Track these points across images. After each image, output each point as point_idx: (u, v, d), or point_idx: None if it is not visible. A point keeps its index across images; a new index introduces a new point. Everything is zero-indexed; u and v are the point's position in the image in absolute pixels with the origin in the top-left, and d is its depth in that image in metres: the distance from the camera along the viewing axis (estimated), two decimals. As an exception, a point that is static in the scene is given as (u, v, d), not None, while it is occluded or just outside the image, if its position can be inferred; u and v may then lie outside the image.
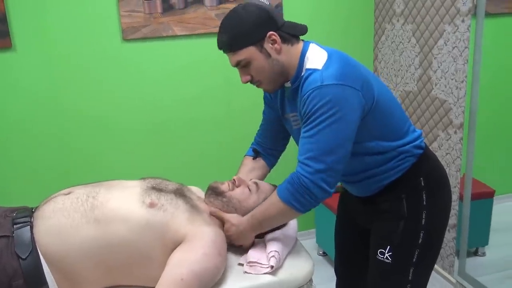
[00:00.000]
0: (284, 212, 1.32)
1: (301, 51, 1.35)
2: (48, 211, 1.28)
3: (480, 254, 2.65)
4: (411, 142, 1.42)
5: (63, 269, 1.23)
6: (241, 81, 1.37)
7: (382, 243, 1.43)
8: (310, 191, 1.26)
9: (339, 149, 1.26)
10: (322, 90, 1.23)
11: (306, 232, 2.93)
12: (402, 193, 1.42)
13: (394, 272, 1.43)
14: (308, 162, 1.25)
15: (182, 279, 1.19)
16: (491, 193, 2.55)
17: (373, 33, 2.82)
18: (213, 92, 2.63)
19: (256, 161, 1.64)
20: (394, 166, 1.40)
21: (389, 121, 1.38)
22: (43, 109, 2.41)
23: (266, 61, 1.32)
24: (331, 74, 1.25)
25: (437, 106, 2.33)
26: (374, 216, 1.48)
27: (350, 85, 1.25)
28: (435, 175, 1.46)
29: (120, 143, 2.56)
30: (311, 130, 1.25)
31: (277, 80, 1.37)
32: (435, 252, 1.49)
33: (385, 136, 1.37)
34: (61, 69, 2.39)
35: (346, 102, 1.24)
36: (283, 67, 1.34)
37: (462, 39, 2.10)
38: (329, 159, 1.25)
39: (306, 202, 1.28)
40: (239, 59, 1.32)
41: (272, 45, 1.31)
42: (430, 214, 1.41)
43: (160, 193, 1.35)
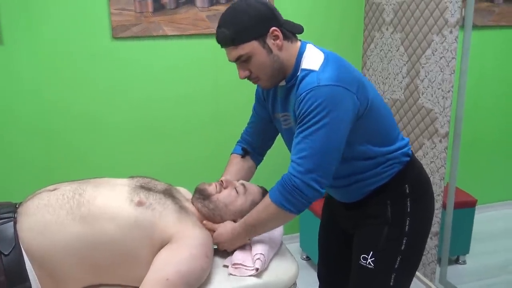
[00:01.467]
0: (277, 214, 1.32)
1: (299, 50, 1.36)
2: (32, 207, 1.26)
3: (461, 262, 2.68)
4: (400, 149, 1.43)
5: (46, 266, 1.21)
6: (239, 76, 1.36)
7: (365, 249, 1.44)
8: (301, 191, 1.26)
9: (331, 150, 1.26)
10: (318, 90, 1.24)
11: (290, 236, 2.93)
12: (387, 199, 1.43)
13: (376, 278, 1.44)
14: (300, 161, 1.26)
15: (167, 279, 1.18)
16: (473, 202, 2.59)
17: (362, 41, 2.85)
18: (201, 93, 2.63)
19: (244, 160, 1.63)
20: (380, 172, 1.41)
21: (381, 126, 1.40)
22: (30, 105, 2.38)
23: (267, 56, 1.31)
24: (327, 75, 1.26)
25: (423, 115, 2.36)
26: (358, 221, 1.49)
27: (346, 87, 1.25)
28: (420, 183, 1.48)
29: (108, 142, 2.54)
30: (305, 130, 1.25)
31: (276, 77, 1.36)
32: (417, 259, 1.50)
33: (376, 141, 1.39)
34: (49, 65, 2.36)
35: (341, 103, 1.24)
36: (282, 64, 1.34)
37: (450, 50, 2.13)
38: (321, 159, 1.25)
39: (298, 203, 1.28)
40: (241, 53, 1.30)
41: (274, 41, 1.31)
42: (414, 221, 1.43)
43: (149, 192, 1.34)
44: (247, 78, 1.37)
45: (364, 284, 1.47)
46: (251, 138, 1.65)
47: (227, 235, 1.41)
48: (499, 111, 3.14)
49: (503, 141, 3.20)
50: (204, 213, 1.44)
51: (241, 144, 1.67)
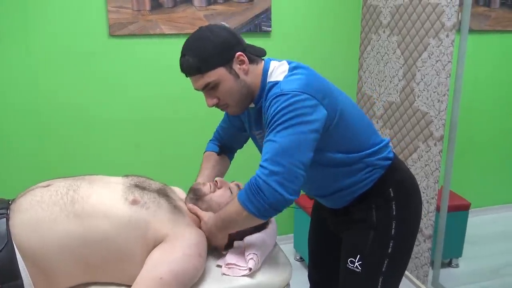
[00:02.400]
0: (241, 214, 1.26)
1: (263, 69, 1.35)
2: (25, 203, 1.25)
3: (454, 266, 2.69)
4: (378, 153, 1.42)
5: (39, 264, 1.20)
6: (208, 104, 1.35)
7: (352, 252, 1.44)
8: (264, 194, 1.20)
9: (296, 152, 1.21)
10: (282, 97, 1.22)
11: (284, 236, 2.93)
12: (372, 204, 1.43)
13: (363, 281, 1.44)
14: (264, 164, 1.22)
15: (161, 278, 1.18)
16: (467, 205, 2.60)
17: (359, 43, 2.86)
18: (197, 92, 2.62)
19: (221, 157, 1.67)
20: (362, 178, 1.41)
21: (354, 135, 1.38)
22: (26, 102, 2.37)
23: (235, 82, 1.30)
24: (291, 84, 1.25)
25: (419, 118, 2.37)
26: (345, 225, 1.49)
27: (311, 94, 1.23)
28: (404, 185, 1.47)
29: (104, 140, 2.54)
30: (269, 134, 1.23)
31: (244, 102, 1.36)
32: (405, 262, 1.50)
33: (349, 149, 1.37)
34: (46, 62, 2.35)
35: (305, 108, 1.22)
36: (249, 88, 1.34)
37: (446, 53, 2.14)
38: (285, 161, 1.20)
39: (260, 206, 1.21)
40: (207, 81, 1.29)
41: (240, 66, 1.31)
42: (400, 224, 1.42)
43: (143, 191, 1.34)
44: (216, 106, 1.37)
45: (352, 287, 1.47)
46: (225, 136, 1.68)
47: (205, 227, 1.39)
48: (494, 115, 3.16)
49: (498, 145, 3.22)
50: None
51: (215, 142, 1.69)
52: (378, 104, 2.71)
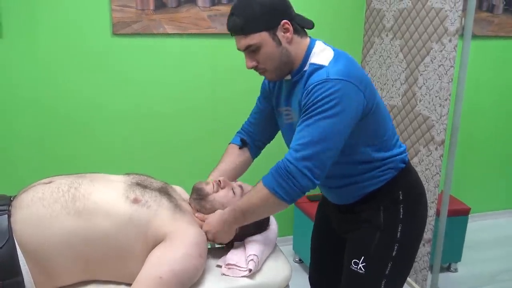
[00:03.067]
0: (268, 200, 1.28)
1: (308, 46, 1.35)
2: (26, 200, 1.25)
3: (453, 270, 2.70)
4: (397, 155, 1.43)
5: (39, 261, 1.20)
6: (247, 65, 1.35)
7: (357, 254, 1.44)
8: (294, 177, 1.23)
9: (330, 141, 1.24)
10: (327, 83, 1.23)
11: (283, 238, 2.93)
12: (380, 204, 1.43)
13: (366, 283, 1.44)
14: (297, 147, 1.24)
15: (160, 277, 1.18)
16: (466, 210, 2.60)
17: (361, 46, 2.86)
18: (200, 92, 2.63)
19: (241, 151, 1.63)
20: (375, 175, 1.41)
21: (382, 130, 1.39)
22: (28, 100, 2.37)
23: (276, 48, 1.30)
24: (337, 70, 1.25)
25: (420, 122, 2.37)
26: (351, 225, 1.49)
27: (355, 83, 1.25)
28: (414, 190, 1.48)
29: (106, 138, 2.54)
30: (309, 119, 1.24)
31: (283, 70, 1.36)
32: (408, 266, 1.50)
33: (376, 145, 1.38)
34: (49, 60, 2.36)
35: (348, 98, 1.23)
36: (290, 58, 1.33)
37: (448, 58, 2.14)
38: (318, 148, 1.23)
39: (289, 190, 1.25)
40: (250, 43, 1.29)
41: (284, 34, 1.30)
42: (406, 228, 1.42)
43: (145, 189, 1.34)
44: (254, 69, 1.36)
45: None
46: (252, 129, 1.64)
47: (215, 222, 1.39)
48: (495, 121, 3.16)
49: (498, 151, 3.23)
50: (202, 213, 1.44)
51: (241, 134, 1.66)
52: (380, 108, 2.71)
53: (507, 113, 3.16)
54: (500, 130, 3.19)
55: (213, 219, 1.41)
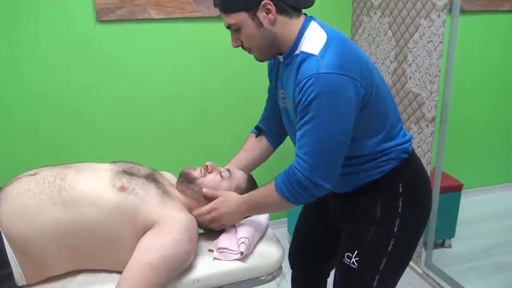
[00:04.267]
0: (279, 203, 1.30)
1: (300, 28, 1.27)
2: (12, 192, 1.23)
3: (447, 246, 2.71)
4: (400, 145, 1.36)
5: (28, 252, 1.19)
6: (231, 44, 1.31)
7: (350, 247, 1.40)
8: (305, 187, 1.23)
9: (336, 145, 1.21)
10: (318, 79, 1.16)
11: (278, 221, 2.94)
12: (378, 197, 1.37)
13: (358, 278, 1.40)
14: (304, 157, 1.21)
15: (151, 264, 1.17)
16: (459, 186, 2.61)
17: (350, 25, 2.83)
18: (188, 77, 2.60)
19: (258, 139, 1.59)
20: (375, 166, 1.35)
21: (384, 116, 1.32)
22: (10, 90, 2.34)
23: (257, 30, 1.24)
24: (328, 62, 1.18)
25: (411, 100, 2.36)
26: (347, 217, 1.45)
27: (348, 74, 1.17)
28: (416, 183, 1.40)
29: (93, 128, 2.51)
30: (308, 123, 1.19)
31: (268, 51, 1.30)
32: (404, 263, 1.44)
33: (379, 134, 1.32)
34: (31, 49, 2.31)
35: (343, 93, 1.17)
36: (276, 39, 1.27)
37: (437, 34, 2.13)
38: (325, 156, 1.21)
39: (300, 197, 1.25)
40: (230, 22, 1.25)
41: (266, 15, 1.23)
42: (404, 223, 1.36)
43: (132, 177, 1.33)
44: (241, 48, 1.32)
45: (347, 283, 1.43)
46: (267, 116, 1.60)
47: (231, 204, 1.37)
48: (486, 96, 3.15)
49: (490, 126, 3.23)
50: (189, 195, 1.43)
51: (259, 123, 1.63)
52: (370, 87, 2.70)
53: (497, 88, 3.16)
54: (491, 105, 3.18)
55: (231, 199, 1.39)
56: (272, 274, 1.38)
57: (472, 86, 3.05)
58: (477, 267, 2.54)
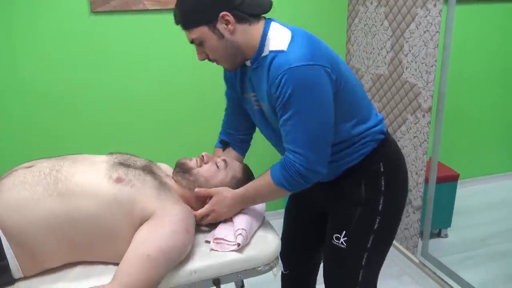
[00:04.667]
0: (276, 193, 1.34)
1: (262, 31, 1.29)
2: (8, 184, 1.23)
3: (443, 236, 2.73)
4: (374, 127, 1.41)
5: (24, 244, 1.19)
6: (198, 58, 1.34)
7: (338, 228, 1.44)
8: (305, 176, 1.27)
9: (324, 131, 1.26)
10: (292, 73, 1.19)
11: (274, 212, 2.94)
12: (361, 179, 1.42)
13: (348, 258, 1.44)
14: (299, 150, 1.25)
15: (148, 255, 1.17)
16: (455, 176, 2.62)
17: (346, 15, 2.82)
18: (184, 68, 2.59)
19: (226, 151, 1.61)
20: (355, 150, 1.40)
21: (356, 101, 1.37)
22: (6, 83, 2.32)
23: (219, 41, 1.27)
24: (298, 55, 1.21)
25: (407, 90, 2.36)
26: (333, 201, 1.49)
27: (319, 63, 1.22)
28: (394, 161, 1.46)
29: (87, 119, 2.50)
30: (291, 118, 1.23)
31: (234, 60, 1.33)
32: (390, 239, 1.50)
33: (354, 118, 1.36)
34: (25, 40, 2.30)
35: (318, 82, 1.21)
36: (239, 48, 1.29)
37: (434, 24, 2.12)
38: (318, 144, 1.25)
39: (299, 185, 1.30)
40: (192, 37, 1.28)
41: (226, 26, 1.25)
42: (387, 200, 1.42)
43: (128, 168, 1.32)
44: (208, 60, 1.35)
45: (337, 264, 1.48)
46: (229, 126, 1.62)
47: (228, 202, 1.39)
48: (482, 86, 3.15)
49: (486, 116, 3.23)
50: (184, 185, 1.43)
51: (221, 136, 1.64)
52: (367, 77, 2.69)
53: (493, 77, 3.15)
54: (487, 95, 3.18)
55: (228, 194, 1.40)
56: (269, 264, 1.38)
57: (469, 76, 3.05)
58: (473, 257, 2.56)
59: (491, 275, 2.40)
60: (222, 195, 1.40)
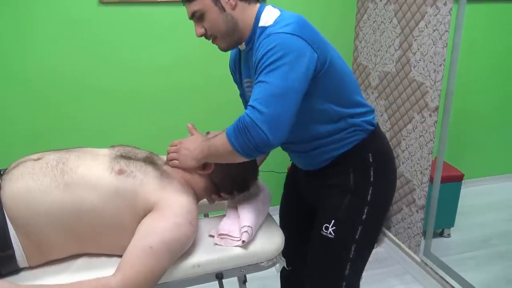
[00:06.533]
0: (226, 149, 1.25)
1: (257, 12, 1.34)
2: (16, 174, 1.24)
3: (446, 235, 2.72)
4: (363, 115, 1.42)
5: (30, 234, 1.20)
6: (196, 33, 1.35)
7: (327, 218, 1.44)
8: (249, 131, 1.18)
9: (286, 96, 1.19)
10: (272, 36, 1.22)
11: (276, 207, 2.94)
12: (349, 168, 1.43)
13: (336, 248, 1.44)
14: (255, 104, 1.19)
15: (151, 247, 1.17)
16: (460, 176, 2.61)
17: (355, 12, 2.80)
18: (190, 60, 2.59)
19: None
20: (343, 137, 1.40)
21: (342, 86, 1.37)
22: (15, 71, 2.33)
23: (220, 14, 1.30)
24: (283, 25, 1.24)
25: (414, 88, 2.35)
26: (321, 191, 1.48)
27: (301, 36, 1.22)
28: (383, 154, 1.47)
29: (95, 109, 2.51)
30: (260, 75, 1.22)
31: (231, 37, 1.35)
32: (376, 231, 1.51)
33: (338, 101, 1.36)
34: (34, 31, 2.30)
35: (295, 49, 1.21)
36: (237, 24, 1.33)
37: (443, 22, 2.10)
38: (276, 104, 1.18)
39: (244, 145, 1.20)
40: (194, 9, 1.31)
41: (228, 0, 1.30)
42: (376, 192, 1.42)
43: (129, 160, 1.33)
44: (205, 37, 1.37)
45: (324, 254, 1.46)
46: None
47: (192, 144, 1.41)
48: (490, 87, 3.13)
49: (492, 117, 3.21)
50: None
51: None
52: (374, 74, 2.68)
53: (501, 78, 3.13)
54: (495, 97, 3.16)
55: (190, 140, 1.43)
56: (272, 260, 1.39)
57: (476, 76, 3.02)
58: (475, 257, 2.56)
59: (493, 276, 2.40)
60: (198, 138, 1.43)
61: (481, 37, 2.93)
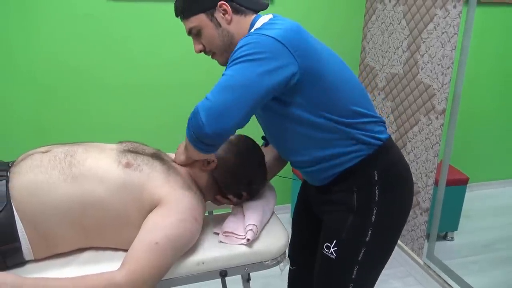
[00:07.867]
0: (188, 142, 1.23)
1: (251, 22, 1.33)
2: (25, 167, 1.24)
3: (449, 239, 2.72)
4: (364, 129, 1.32)
5: (37, 227, 1.20)
6: (195, 50, 1.36)
7: (329, 237, 1.38)
8: (191, 118, 1.17)
9: (236, 90, 1.13)
10: (250, 36, 1.19)
11: (282, 206, 2.95)
12: (354, 186, 1.34)
13: (337, 269, 1.38)
14: (209, 95, 1.15)
15: (156, 243, 1.18)
16: (465, 180, 2.60)
17: (363, 12, 2.80)
18: (198, 56, 2.56)
19: (268, 148, 1.61)
20: (344, 152, 1.32)
21: (335, 96, 1.27)
22: (23, 65, 2.34)
23: (216, 30, 1.31)
24: (267, 29, 1.20)
25: (421, 91, 2.34)
26: (326, 207, 1.43)
27: (282, 42, 1.16)
28: (392, 171, 1.36)
29: (101, 103, 2.52)
30: (226, 70, 1.18)
31: (228, 52, 1.33)
32: (384, 255, 1.41)
33: (331, 111, 1.27)
34: (43, 25, 2.31)
35: (268, 51, 1.15)
36: (233, 38, 1.32)
37: (452, 25, 2.10)
38: (223, 95, 1.13)
39: (187, 132, 1.19)
40: (190, 26, 1.31)
41: (223, 15, 1.30)
42: (382, 212, 1.33)
43: (137, 155, 1.33)
44: (204, 53, 1.37)
45: (326, 274, 1.41)
46: None
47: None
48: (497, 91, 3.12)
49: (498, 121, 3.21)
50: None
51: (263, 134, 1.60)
52: (381, 76, 2.68)
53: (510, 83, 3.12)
54: (502, 101, 3.15)
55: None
56: (276, 259, 1.39)
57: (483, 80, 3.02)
58: (479, 261, 2.55)
59: (495, 281, 2.40)
60: None
61: (490, 40, 2.92)
